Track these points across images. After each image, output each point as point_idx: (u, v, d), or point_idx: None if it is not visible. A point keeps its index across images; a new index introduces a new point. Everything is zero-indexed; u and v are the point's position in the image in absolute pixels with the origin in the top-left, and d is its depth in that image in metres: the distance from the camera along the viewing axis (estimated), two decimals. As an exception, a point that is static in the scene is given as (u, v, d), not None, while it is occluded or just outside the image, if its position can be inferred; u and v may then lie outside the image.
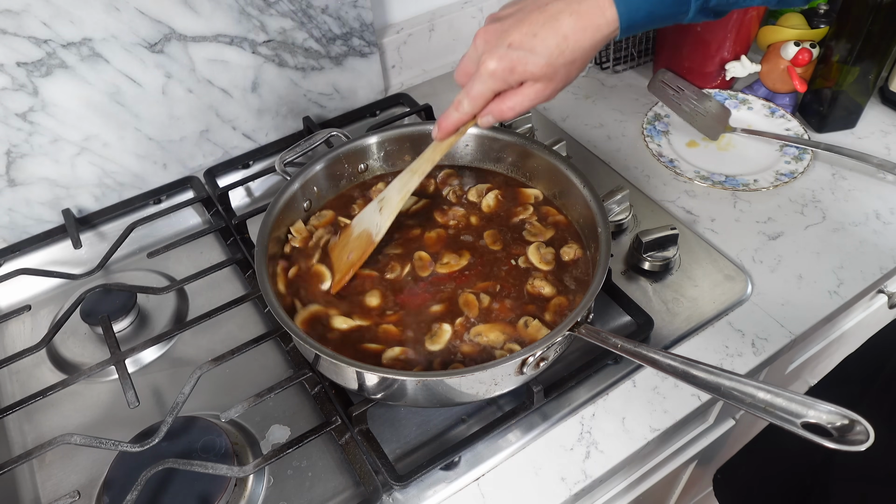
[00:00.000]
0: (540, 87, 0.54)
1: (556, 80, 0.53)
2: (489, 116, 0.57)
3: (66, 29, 0.72)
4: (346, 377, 0.57)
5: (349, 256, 0.65)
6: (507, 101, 0.55)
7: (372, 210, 0.66)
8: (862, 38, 0.83)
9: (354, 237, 0.66)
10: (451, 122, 0.58)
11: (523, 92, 0.54)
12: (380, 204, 0.66)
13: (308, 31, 0.87)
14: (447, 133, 0.60)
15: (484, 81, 0.54)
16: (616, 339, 0.54)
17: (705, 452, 0.88)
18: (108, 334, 0.68)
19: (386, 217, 0.65)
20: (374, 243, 0.65)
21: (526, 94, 0.54)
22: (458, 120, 0.58)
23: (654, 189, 0.86)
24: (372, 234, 0.65)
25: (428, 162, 0.63)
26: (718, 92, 0.98)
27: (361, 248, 0.65)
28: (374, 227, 0.65)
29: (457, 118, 0.58)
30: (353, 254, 0.65)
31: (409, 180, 0.64)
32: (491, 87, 0.54)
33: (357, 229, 0.67)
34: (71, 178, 0.81)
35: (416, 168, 0.63)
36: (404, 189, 0.64)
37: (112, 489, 0.57)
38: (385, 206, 0.65)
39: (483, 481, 0.60)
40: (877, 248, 0.78)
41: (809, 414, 0.45)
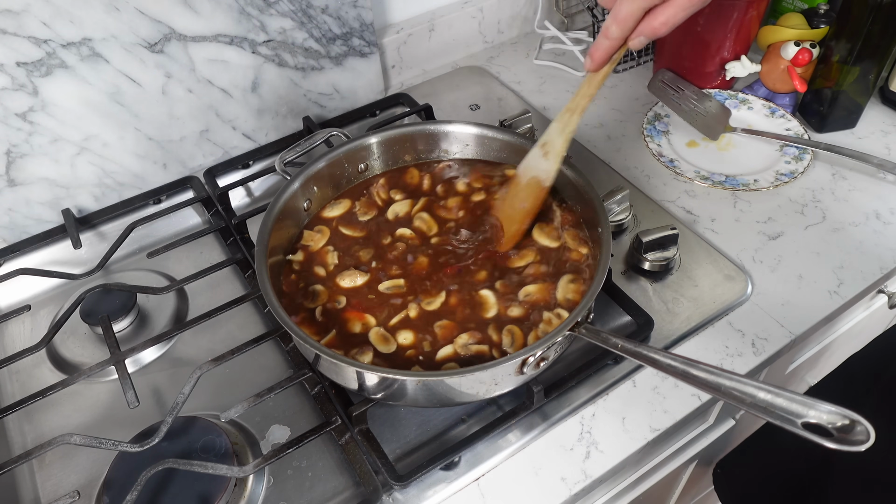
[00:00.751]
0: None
1: None
2: (641, 37, 0.53)
3: (66, 29, 0.72)
4: (346, 377, 0.57)
5: (522, 205, 0.65)
6: (658, 16, 0.52)
7: (537, 156, 0.64)
8: (862, 38, 0.83)
9: (524, 185, 0.65)
10: (603, 50, 0.55)
11: (676, 3, 0.51)
12: (543, 149, 0.64)
13: (308, 31, 0.87)
14: (600, 63, 0.56)
15: (632, 1, 0.51)
16: (616, 339, 0.54)
17: (705, 452, 0.88)
18: (108, 334, 0.68)
19: (553, 161, 0.63)
20: (546, 189, 0.64)
21: (679, 5, 0.51)
22: (609, 47, 0.55)
23: (654, 189, 0.86)
24: (542, 181, 0.64)
25: (585, 97, 0.60)
26: (718, 92, 0.98)
27: (534, 196, 0.64)
28: (542, 174, 0.64)
29: (607, 45, 0.54)
30: (527, 202, 0.64)
31: (570, 120, 0.61)
32: (641, 5, 0.51)
33: (524, 178, 0.65)
34: (71, 178, 0.81)
35: (575, 106, 0.61)
36: (566, 130, 0.62)
37: (112, 489, 0.57)
38: (550, 150, 0.63)
39: (483, 481, 0.60)
40: (877, 248, 0.78)
41: (810, 414, 0.45)
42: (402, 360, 0.59)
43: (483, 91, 1.04)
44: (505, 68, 1.09)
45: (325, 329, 0.61)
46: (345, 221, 0.71)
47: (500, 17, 1.11)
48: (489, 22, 1.10)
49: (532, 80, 1.06)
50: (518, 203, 0.65)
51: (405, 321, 0.62)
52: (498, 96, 1.03)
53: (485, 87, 1.05)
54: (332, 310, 0.63)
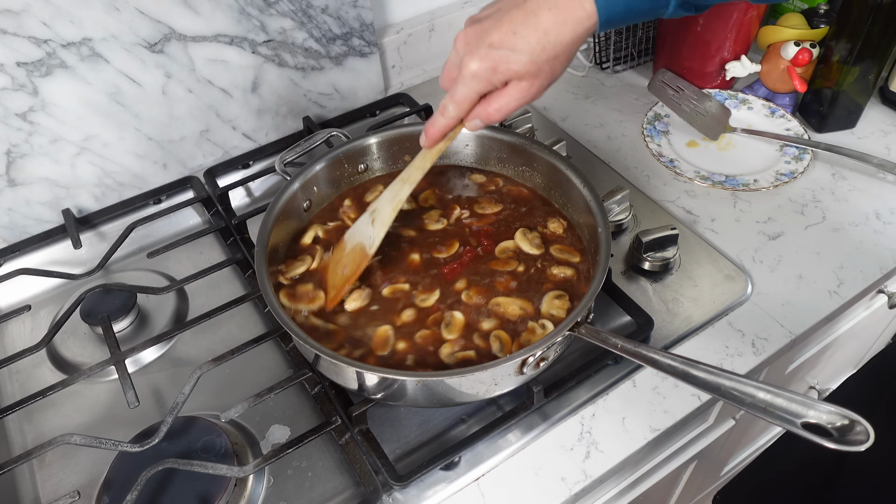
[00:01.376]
0: (525, 85, 0.52)
1: (540, 77, 0.52)
2: (476, 120, 0.56)
3: (66, 29, 0.72)
4: (346, 377, 0.57)
5: (344, 271, 0.64)
6: (492, 103, 0.54)
7: (364, 222, 0.65)
8: (862, 38, 0.83)
9: (348, 251, 0.65)
10: (438, 128, 0.57)
11: (508, 92, 0.53)
12: (371, 216, 0.64)
13: (308, 31, 0.87)
14: (435, 140, 0.58)
15: (467, 84, 0.52)
16: (616, 339, 0.54)
17: (705, 452, 0.88)
18: (108, 334, 0.68)
19: (379, 229, 0.63)
20: (369, 256, 0.63)
21: (511, 94, 0.53)
22: (444, 125, 0.57)
23: (654, 189, 0.86)
24: (366, 247, 0.64)
25: (418, 170, 0.61)
26: (718, 92, 0.98)
27: (356, 262, 0.64)
28: (367, 240, 0.64)
29: (443, 124, 0.56)
30: (348, 268, 0.64)
31: (400, 190, 0.62)
32: (475, 88, 0.53)
33: (350, 243, 0.65)
34: (71, 178, 0.81)
35: (407, 177, 0.62)
36: (395, 199, 0.62)
37: (112, 489, 0.57)
38: (377, 217, 0.64)
39: (483, 481, 0.60)
40: (877, 248, 0.78)
41: (809, 414, 0.45)
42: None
43: (483, 91, 1.04)
44: (505, 68, 1.08)
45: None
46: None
47: (500, 17, 1.11)
48: (489, 22, 1.10)
49: (532, 80, 1.06)
50: (340, 268, 0.65)
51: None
52: (498, 96, 1.03)
53: (485, 87, 1.04)
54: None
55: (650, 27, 1.05)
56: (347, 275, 0.64)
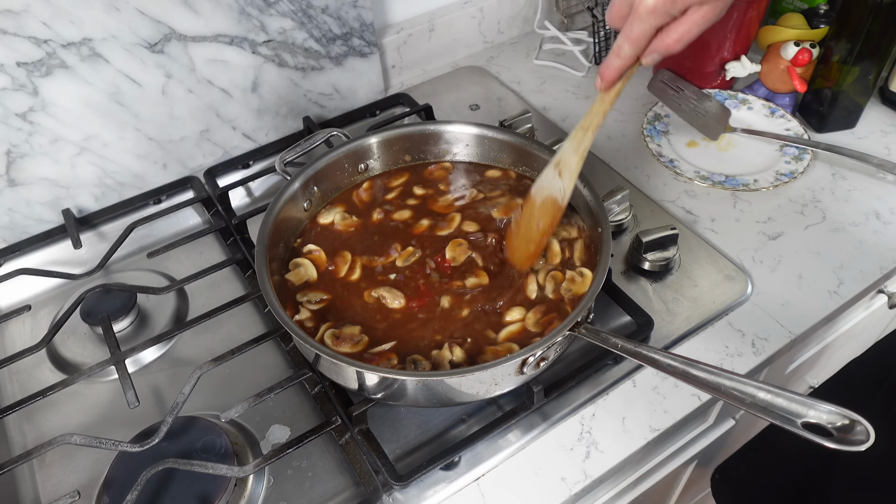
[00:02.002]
0: (707, 9, 0.49)
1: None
2: (655, 54, 0.53)
3: (66, 29, 0.72)
4: (346, 377, 0.57)
5: (539, 225, 0.64)
6: (671, 33, 0.51)
7: (550, 176, 0.64)
8: (862, 38, 0.83)
9: (539, 205, 0.65)
10: (614, 69, 0.54)
11: (689, 19, 0.50)
12: (557, 168, 0.63)
13: (308, 31, 0.87)
14: (611, 82, 0.56)
15: (644, 20, 0.50)
16: (616, 339, 0.54)
17: (705, 452, 0.88)
18: (108, 334, 0.68)
19: (568, 180, 0.63)
20: (562, 208, 0.63)
21: (692, 21, 0.50)
22: (620, 66, 0.54)
23: (654, 189, 0.86)
24: (558, 199, 0.63)
25: (598, 115, 0.59)
26: (718, 92, 0.98)
27: (550, 214, 0.64)
28: (558, 192, 0.63)
29: (619, 65, 0.54)
30: (543, 221, 0.64)
31: (584, 138, 0.60)
32: (652, 24, 0.50)
33: (539, 197, 0.65)
34: (71, 178, 0.81)
35: (588, 124, 0.60)
36: (580, 148, 0.61)
37: (112, 489, 0.57)
38: (564, 169, 0.63)
39: (483, 481, 0.60)
40: (877, 248, 0.78)
41: (809, 414, 0.45)
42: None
43: (483, 91, 1.04)
44: (505, 68, 1.09)
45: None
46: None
47: (500, 17, 1.11)
48: (489, 22, 1.10)
49: (532, 80, 1.06)
50: (534, 223, 0.65)
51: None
52: (498, 96, 1.03)
53: (485, 87, 1.05)
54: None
55: (650, 27, 1.05)
56: (544, 227, 0.64)
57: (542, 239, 0.64)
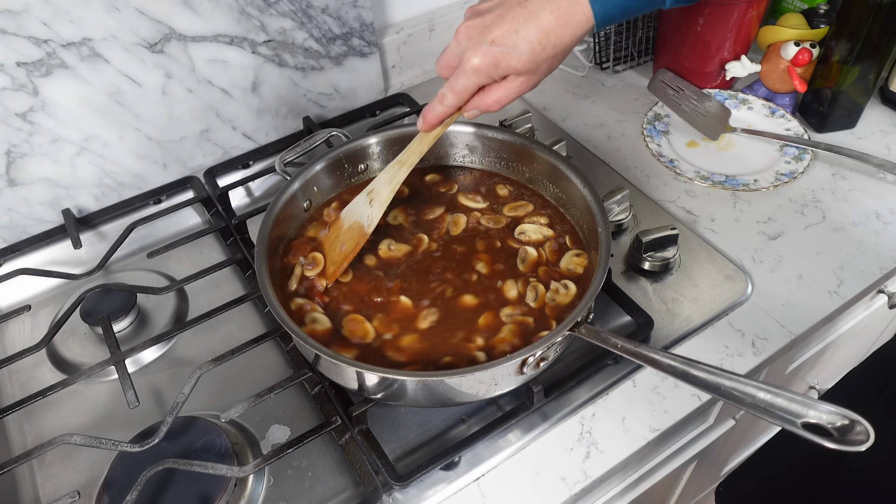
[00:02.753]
0: (523, 80, 0.55)
1: (538, 73, 0.55)
2: (474, 110, 0.58)
3: (66, 29, 0.72)
4: (346, 377, 0.57)
5: (342, 248, 0.66)
6: (491, 94, 0.56)
7: (361, 202, 0.66)
8: (862, 38, 0.83)
9: (345, 229, 0.67)
10: (436, 114, 0.59)
11: (507, 85, 0.55)
12: (369, 196, 0.66)
13: (308, 31, 0.87)
14: (432, 125, 0.60)
15: (468, 77, 0.54)
16: (616, 339, 0.54)
17: (705, 452, 0.88)
18: (108, 334, 0.68)
19: (376, 209, 0.65)
20: (367, 235, 0.65)
21: (510, 87, 0.55)
22: (442, 112, 0.59)
23: (654, 189, 0.86)
24: (364, 226, 0.65)
25: (415, 153, 0.63)
26: (718, 92, 0.98)
27: (354, 240, 0.65)
28: (364, 220, 0.65)
29: (441, 111, 0.58)
30: (346, 245, 0.66)
31: (398, 172, 0.64)
32: (475, 81, 0.55)
33: (347, 221, 0.67)
34: (71, 178, 0.81)
35: (404, 160, 0.64)
36: (393, 181, 0.64)
37: (112, 489, 0.57)
38: (375, 198, 0.65)
39: (483, 481, 0.60)
40: (877, 248, 0.78)
41: (809, 414, 0.45)
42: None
43: (483, 91, 1.04)
44: (505, 68, 1.08)
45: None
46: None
47: (500, 17, 1.11)
48: (489, 22, 1.10)
49: (532, 80, 1.06)
50: (338, 245, 0.66)
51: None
52: (498, 96, 1.03)
53: (485, 87, 1.05)
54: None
55: (650, 27, 1.05)
56: (346, 252, 0.65)
57: (342, 262, 0.65)
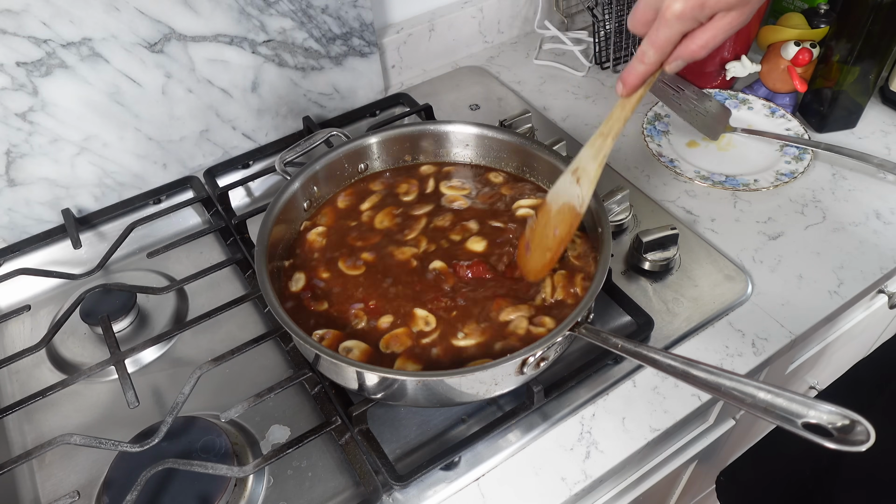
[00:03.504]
0: (734, 14, 0.48)
1: (751, 3, 0.48)
2: (679, 61, 0.52)
3: (66, 29, 0.72)
4: (346, 377, 0.57)
5: (555, 232, 0.63)
6: (696, 39, 0.50)
7: (568, 182, 0.62)
8: (862, 38, 0.83)
9: (555, 213, 0.63)
10: (638, 74, 0.53)
11: (716, 25, 0.49)
12: (575, 175, 0.62)
13: (308, 30, 0.87)
14: (633, 88, 0.54)
15: (671, 26, 0.49)
16: (616, 339, 0.54)
17: (705, 452, 0.88)
18: (108, 334, 0.68)
19: (586, 188, 0.61)
20: (580, 215, 0.62)
21: (719, 27, 0.49)
22: (644, 72, 0.53)
23: (654, 189, 0.86)
24: (576, 206, 0.62)
25: (619, 121, 0.57)
26: (718, 92, 0.98)
27: (567, 222, 0.62)
28: (576, 200, 0.62)
29: (643, 70, 0.52)
30: (560, 228, 0.63)
31: (603, 145, 0.59)
32: (679, 30, 0.49)
33: (555, 205, 0.64)
34: (71, 178, 0.81)
35: (608, 130, 0.58)
36: (600, 155, 0.59)
37: (112, 489, 0.57)
38: (582, 176, 0.61)
39: (483, 481, 0.60)
40: (877, 248, 0.77)
41: (810, 414, 0.45)
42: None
43: (483, 91, 1.04)
44: (505, 68, 1.09)
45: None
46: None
47: (500, 17, 1.11)
48: (489, 22, 1.10)
49: (532, 80, 1.06)
50: (551, 230, 0.63)
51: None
52: (498, 96, 1.03)
53: (485, 87, 1.05)
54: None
55: (650, 27, 1.05)
56: (561, 235, 0.63)
57: (558, 247, 0.63)
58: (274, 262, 0.66)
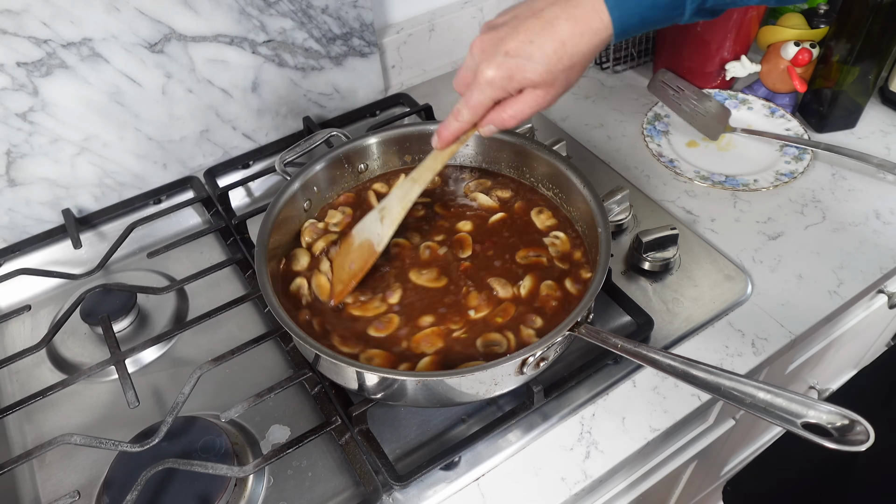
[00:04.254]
0: (540, 93, 0.52)
1: (556, 86, 0.52)
2: (490, 126, 0.56)
3: (66, 29, 0.72)
4: (346, 377, 0.57)
5: (351, 266, 0.65)
6: (507, 109, 0.54)
7: (373, 219, 0.65)
8: (862, 38, 0.83)
9: (356, 247, 0.66)
10: (451, 131, 0.57)
11: (523, 99, 0.53)
12: (381, 214, 0.65)
13: (308, 31, 0.87)
14: (447, 142, 0.59)
15: (483, 90, 0.53)
16: (616, 339, 0.54)
17: (705, 452, 0.88)
18: (108, 334, 0.68)
19: (388, 227, 0.64)
20: (377, 253, 0.64)
21: (526, 101, 0.53)
22: (458, 129, 0.57)
23: (654, 189, 0.86)
24: (374, 244, 0.64)
25: (429, 171, 0.62)
26: (718, 92, 0.98)
27: (363, 259, 0.64)
28: (375, 237, 0.64)
29: (457, 127, 0.57)
30: (356, 264, 0.65)
31: (411, 189, 0.63)
32: (490, 95, 0.53)
33: (358, 239, 0.66)
34: (71, 178, 0.81)
35: (417, 177, 0.62)
36: (405, 199, 0.63)
37: (112, 489, 0.57)
38: (386, 216, 0.64)
39: (483, 481, 0.60)
40: (877, 248, 0.78)
41: (809, 414, 0.45)
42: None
43: (483, 91, 1.04)
44: (505, 68, 1.08)
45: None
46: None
47: (500, 17, 1.11)
48: (489, 22, 1.10)
49: (532, 80, 1.06)
50: (347, 263, 0.65)
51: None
52: (498, 96, 1.03)
53: (485, 87, 1.05)
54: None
55: (650, 27, 1.05)
56: (355, 270, 0.64)
57: (350, 281, 0.64)
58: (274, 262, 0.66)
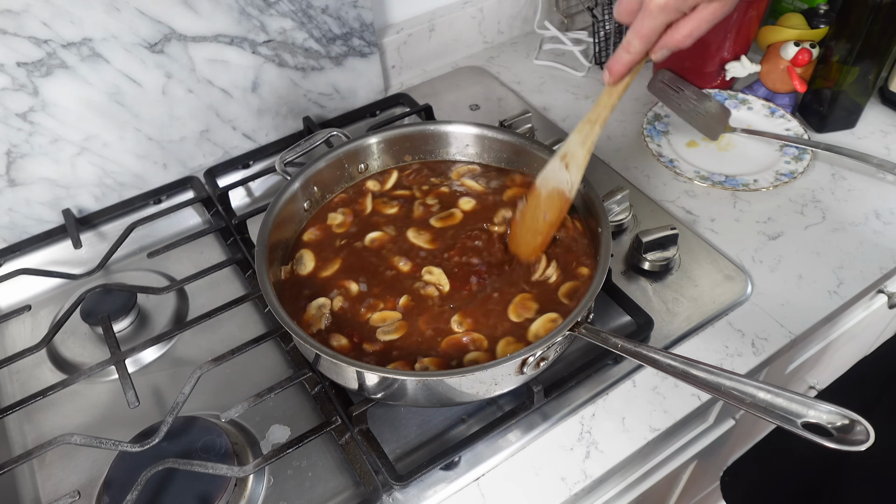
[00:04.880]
0: (716, 6, 0.49)
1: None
2: (664, 50, 0.52)
3: (66, 29, 0.72)
4: (347, 377, 0.57)
5: (545, 216, 0.64)
6: (681, 29, 0.51)
7: (556, 167, 0.64)
8: (862, 38, 0.83)
9: (545, 197, 0.65)
10: (623, 63, 0.54)
11: (699, 16, 0.50)
12: (564, 161, 0.63)
13: (308, 31, 0.87)
14: (620, 76, 0.55)
15: (655, 16, 0.50)
16: (616, 339, 0.54)
17: (705, 452, 0.88)
18: (108, 334, 0.68)
19: (575, 173, 0.62)
20: (570, 200, 0.63)
21: (702, 17, 0.50)
22: (629, 61, 0.54)
23: (654, 189, 0.86)
24: (565, 192, 0.64)
25: (606, 108, 0.59)
26: (718, 92, 0.98)
27: (557, 207, 0.64)
28: (565, 185, 0.63)
29: (628, 59, 0.54)
30: (550, 213, 0.64)
31: (591, 131, 0.60)
32: (663, 20, 0.50)
33: (545, 189, 0.65)
34: (71, 178, 0.81)
35: (595, 117, 0.60)
36: (587, 141, 0.61)
37: (112, 489, 0.58)
38: (571, 161, 0.62)
39: (483, 481, 0.60)
40: (877, 248, 0.78)
41: (809, 414, 0.45)
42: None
43: (483, 91, 1.04)
44: (505, 68, 1.09)
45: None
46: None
47: (500, 17, 1.11)
48: (489, 22, 1.10)
49: (532, 80, 1.06)
50: (540, 215, 0.65)
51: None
52: (498, 96, 1.03)
53: (485, 87, 1.05)
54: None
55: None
56: (551, 219, 0.64)
57: (549, 231, 0.65)
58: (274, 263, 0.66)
